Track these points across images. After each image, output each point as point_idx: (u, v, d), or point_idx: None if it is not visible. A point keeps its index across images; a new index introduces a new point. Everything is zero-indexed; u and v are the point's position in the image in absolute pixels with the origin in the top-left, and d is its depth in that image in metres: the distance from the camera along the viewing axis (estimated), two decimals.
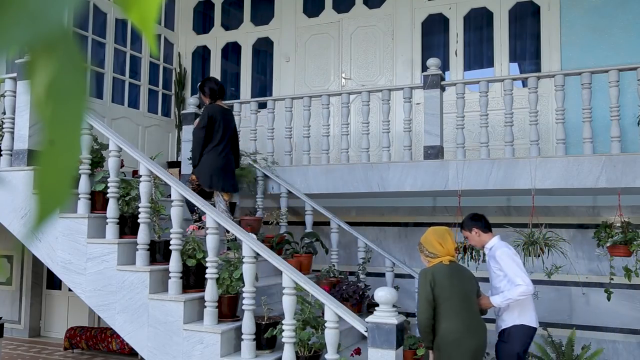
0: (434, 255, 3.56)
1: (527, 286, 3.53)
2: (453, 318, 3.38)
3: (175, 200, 3.81)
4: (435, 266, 3.50)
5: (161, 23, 7.72)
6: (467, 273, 3.62)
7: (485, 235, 3.90)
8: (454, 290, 3.42)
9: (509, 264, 3.62)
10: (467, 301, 3.47)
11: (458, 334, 3.35)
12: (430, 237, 3.62)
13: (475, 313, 3.52)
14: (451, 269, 3.49)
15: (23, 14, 0.36)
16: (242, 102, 6.30)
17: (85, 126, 3.94)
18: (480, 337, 3.44)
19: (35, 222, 0.38)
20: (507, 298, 3.57)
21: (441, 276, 3.42)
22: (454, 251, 3.64)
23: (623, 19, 5.71)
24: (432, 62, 5.13)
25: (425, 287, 3.41)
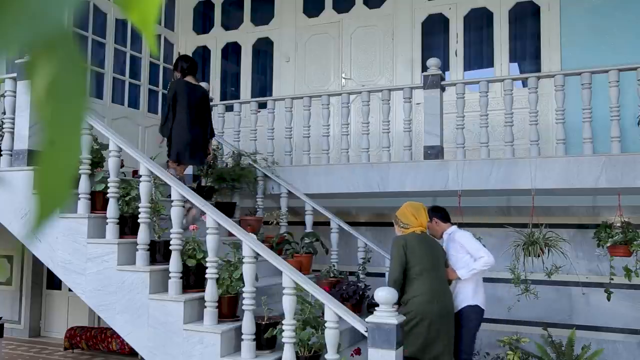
0: (407, 226, 3.88)
1: (489, 257, 3.83)
2: (422, 281, 3.66)
3: (175, 200, 3.81)
4: (408, 234, 3.82)
5: (161, 23, 7.72)
6: (436, 243, 3.94)
7: (444, 224, 4.21)
8: (424, 255, 3.72)
9: (470, 242, 3.94)
10: (436, 267, 3.76)
11: (426, 296, 3.62)
12: (406, 210, 3.95)
13: (442, 279, 3.80)
14: (422, 238, 3.84)
15: (23, 14, 0.36)
16: (242, 102, 6.31)
17: (85, 126, 3.95)
18: (446, 301, 3.72)
19: (35, 223, 0.38)
20: (472, 269, 3.85)
21: (413, 242, 3.74)
22: (426, 225, 3.93)
23: (623, 19, 5.71)
24: (432, 62, 5.13)
25: (399, 251, 3.70)
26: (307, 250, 5.17)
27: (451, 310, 3.78)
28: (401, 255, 3.69)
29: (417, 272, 3.67)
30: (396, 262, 3.69)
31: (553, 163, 4.57)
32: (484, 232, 5.41)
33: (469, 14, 6.50)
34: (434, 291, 3.65)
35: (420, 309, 3.59)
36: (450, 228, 4.17)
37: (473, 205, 5.54)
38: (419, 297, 3.61)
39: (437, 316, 3.61)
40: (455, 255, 4.00)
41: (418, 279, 3.66)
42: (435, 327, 3.60)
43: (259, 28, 7.63)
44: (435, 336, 3.60)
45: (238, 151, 5.76)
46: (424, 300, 3.60)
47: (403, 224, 3.90)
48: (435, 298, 3.63)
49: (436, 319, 3.60)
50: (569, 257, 4.79)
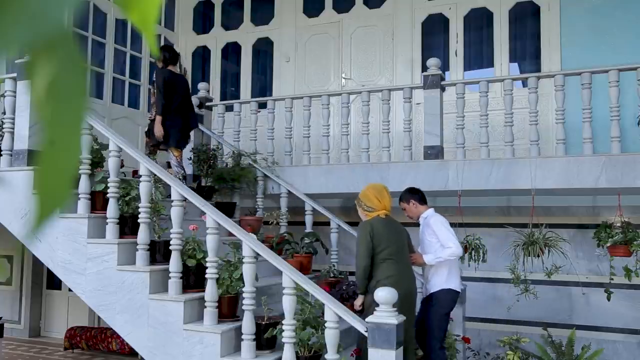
0: (371, 209, 3.85)
1: (457, 248, 3.85)
2: (388, 265, 3.69)
3: (175, 200, 3.81)
4: (373, 218, 3.80)
5: (161, 23, 7.72)
6: (400, 227, 3.95)
7: (422, 207, 4.19)
8: (389, 240, 3.74)
9: (442, 230, 3.92)
10: (400, 251, 3.80)
11: (392, 279, 3.63)
12: (369, 192, 3.91)
13: (407, 262, 3.86)
14: (387, 222, 3.82)
15: (23, 14, 0.36)
16: (242, 102, 6.31)
17: (85, 126, 3.95)
18: (410, 284, 3.78)
19: (35, 223, 0.38)
20: (438, 257, 3.89)
21: (379, 227, 3.73)
22: (389, 207, 3.91)
23: (623, 19, 5.71)
24: (432, 62, 5.13)
25: (366, 237, 3.70)
26: (307, 250, 5.17)
27: (414, 294, 3.86)
28: (368, 241, 3.69)
29: (383, 257, 3.70)
30: (363, 249, 3.69)
31: (553, 163, 4.57)
32: (484, 232, 5.41)
33: (469, 14, 6.50)
34: (399, 275, 3.70)
35: None
36: (427, 211, 4.15)
37: (473, 205, 5.54)
38: (385, 280, 3.63)
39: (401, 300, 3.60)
40: (429, 240, 4.02)
41: (384, 263, 3.70)
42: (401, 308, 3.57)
43: (259, 28, 7.63)
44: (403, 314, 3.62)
45: (238, 151, 5.76)
46: (391, 283, 3.60)
47: (367, 207, 3.87)
48: (400, 282, 3.66)
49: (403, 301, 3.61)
50: (569, 257, 4.79)
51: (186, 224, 3.94)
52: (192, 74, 8.02)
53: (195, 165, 5.78)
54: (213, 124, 6.50)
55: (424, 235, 4.07)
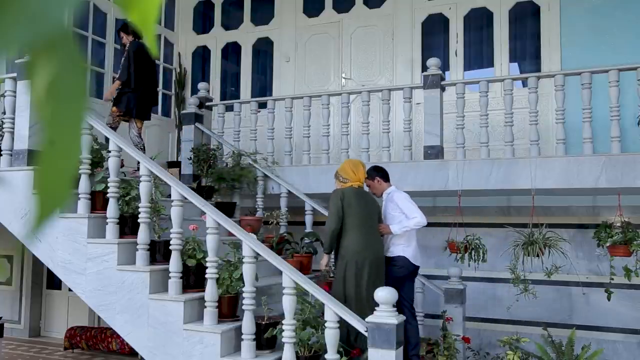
0: (346, 180, 4.19)
1: (421, 218, 4.09)
2: (356, 231, 3.98)
3: (175, 200, 3.81)
4: (346, 188, 4.13)
5: (161, 23, 7.72)
6: (371, 198, 4.24)
7: (385, 184, 4.43)
8: (359, 208, 4.03)
9: (406, 203, 4.18)
10: (369, 219, 4.08)
11: (359, 245, 3.94)
12: (346, 166, 4.27)
13: (375, 231, 4.12)
14: (359, 192, 4.15)
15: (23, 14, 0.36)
16: (242, 102, 6.30)
17: (85, 126, 3.95)
18: (377, 251, 4.05)
19: (35, 223, 0.38)
20: (404, 226, 4.11)
21: (350, 195, 4.05)
22: (363, 180, 4.24)
23: (623, 19, 5.71)
24: (432, 62, 5.12)
25: (337, 202, 4.02)
26: (307, 250, 5.17)
27: (382, 258, 4.10)
28: (338, 207, 3.99)
29: (352, 223, 3.98)
30: (333, 213, 4.00)
31: (553, 163, 4.57)
32: (484, 232, 5.41)
33: (469, 14, 6.50)
34: (367, 240, 3.98)
35: (354, 254, 3.92)
36: (390, 188, 4.40)
37: (473, 205, 5.54)
38: (354, 244, 3.94)
39: (368, 262, 3.94)
40: (392, 214, 4.25)
41: (353, 229, 3.97)
42: (366, 271, 3.91)
43: (259, 28, 7.63)
44: (368, 279, 3.91)
45: (238, 151, 5.75)
46: (357, 248, 3.94)
47: (342, 179, 4.21)
48: (367, 247, 3.96)
49: (368, 265, 3.93)
50: (569, 257, 4.79)
51: (186, 224, 3.94)
52: (192, 74, 8.02)
53: (195, 165, 5.78)
54: (213, 124, 6.50)
55: (387, 210, 4.31)
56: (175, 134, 7.72)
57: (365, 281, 3.90)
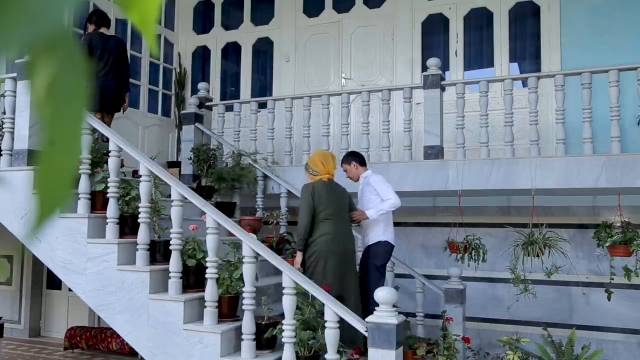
0: (316, 173, 4.23)
1: (396, 199, 4.13)
2: (327, 224, 4.04)
3: (175, 200, 3.81)
4: (316, 182, 4.17)
5: (161, 23, 7.72)
6: (341, 190, 4.29)
7: (361, 168, 4.49)
8: (329, 201, 4.08)
9: (382, 186, 4.22)
10: (340, 212, 4.14)
11: (329, 236, 4.00)
12: (316, 158, 4.31)
13: (346, 222, 4.19)
14: (329, 185, 4.19)
15: (23, 14, 0.36)
16: (242, 102, 6.30)
17: (85, 126, 3.95)
18: (348, 242, 4.13)
19: (36, 223, 0.38)
20: (380, 209, 4.14)
21: (320, 189, 4.10)
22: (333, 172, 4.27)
23: (623, 18, 5.71)
24: (432, 62, 5.12)
25: (308, 197, 4.06)
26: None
27: (352, 251, 4.18)
28: (309, 201, 4.04)
29: (323, 216, 4.04)
30: (305, 208, 4.05)
31: (553, 163, 4.57)
32: (484, 232, 5.41)
33: (469, 13, 6.50)
34: (337, 233, 4.04)
35: (323, 247, 3.98)
36: (366, 172, 4.46)
37: (473, 205, 5.54)
38: (323, 237, 4.00)
39: (339, 255, 4.01)
40: (369, 197, 4.30)
41: (324, 222, 4.04)
42: (337, 264, 3.98)
43: (259, 28, 7.63)
44: (338, 271, 3.99)
45: (238, 151, 5.75)
46: (327, 240, 3.99)
47: (313, 171, 4.25)
48: (338, 238, 4.03)
49: (338, 257, 4.00)
50: (569, 257, 4.79)
51: (186, 224, 3.94)
52: (192, 74, 8.02)
53: (195, 165, 5.78)
54: (213, 124, 6.50)
55: (364, 194, 4.35)
56: (175, 134, 7.72)
57: (337, 274, 3.98)
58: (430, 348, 4.56)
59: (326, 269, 3.97)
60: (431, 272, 5.77)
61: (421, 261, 6.05)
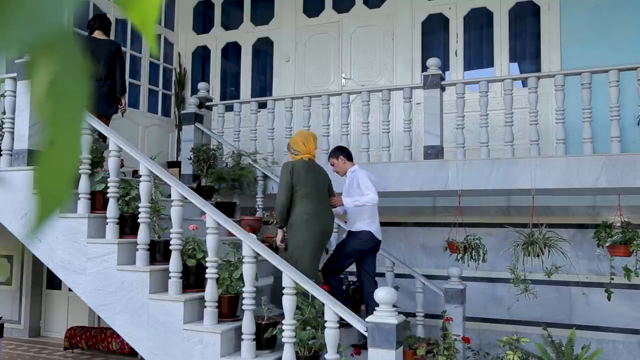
0: (297, 152, 4.30)
1: (374, 195, 4.24)
2: (306, 202, 4.11)
3: (175, 200, 3.81)
4: (296, 160, 4.24)
5: (161, 23, 7.71)
6: (322, 171, 4.40)
7: (348, 162, 4.60)
8: (309, 180, 4.16)
9: (364, 180, 4.33)
10: (319, 191, 4.22)
11: (308, 215, 4.08)
12: (297, 138, 4.38)
13: (325, 202, 4.28)
14: (309, 164, 4.26)
15: (23, 14, 0.36)
16: (242, 102, 6.30)
17: (86, 126, 3.95)
18: (327, 221, 4.22)
19: (36, 222, 0.38)
20: (356, 200, 4.27)
21: (300, 168, 4.16)
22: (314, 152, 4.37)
23: (623, 18, 5.71)
24: (432, 62, 5.12)
25: (286, 175, 4.14)
26: None
27: (329, 230, 4.27)
28: (288, 179, 4.13)
29: (302, 195, 4.12)
30: (283, 186, 4.14)
31: (553, 163, 4.57)
32: (484, 232, 5.41)
33: (469, 13, 6.50)
34: (317, 212, 4.12)
35: (304, 227, 4.07)
36: (354, 167, 4.59)
37: (473, 205, 5.54)
38: (304, 216, 4.07)
39: (319, 234, 4.11)
40: (352, 190, 4.42)
41: (303, 200, 4.11)
42: (316, 242, 4.10)
43: (259, 28, 7.63)
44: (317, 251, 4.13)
45: (238, 151, 5.75)
46: (308, 219, 4.07)
47: (294, 151, 4.33)
48: (317, 219, 4.10)
49: (318, 236, 4.10)
50: (569, 257, 4.79)
51: (186, 224, 3.94)
52: (192, 74, 8.02)
53: (195, 165, 5.78)
54: (213, 124, 6.50)
55: (351, 187, 4.44)
56: (175, 134, 7.72)
57: (315, 254, 4.11)
58: (430, 348, 4.56)
59: (305, 249, 4.07)
60: (431, 272, 5.77)
61: (421, 261, 6.04)
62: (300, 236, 4.07)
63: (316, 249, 4.12)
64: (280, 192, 4.16)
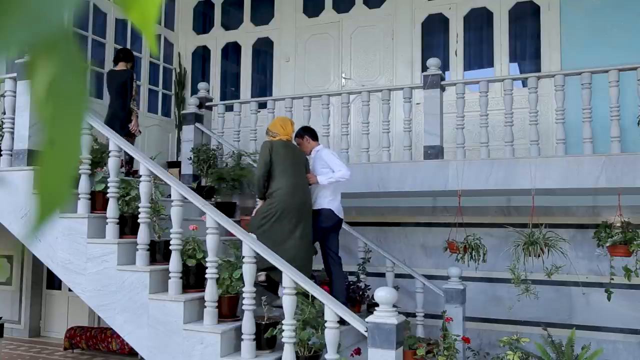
0: (275, 134, 4.52)
1: (346, 170, 4.42)
2: (284, 177, 4.31)
3: (175, 200, 3.81)
4: (275, 140, 4.46)
5: (161, 23, 7.71)
6: (299, 151, 4.61)
7: (314, 142, 4.75)
8: (287, 157, 4.38)
9: (332, 159, 4.51)
10: (296, 167, 4.43)
11: (286, 189, 4.28)
12: (276, 122, 4.65)
13: (303, 177, 4.46)
14: (287, 144, 4.50)
15: (23, 14, 0.36)
16: (242, 102, 6.30)
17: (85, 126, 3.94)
18: (305, 196, 4.39)
19: (36, 223, 0.38)
20: (330, 177, 4.43)
21: (278, 146, 4.40)
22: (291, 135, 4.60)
23: (623, 19, 5.71)
24: (432, 62, 5.12)
25: (265, 152, 4.37)
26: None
27: (309, 204, 4.43)
28: (266, 155, 4.35)
29: (280, 170, 4.33)
30: (261, 161, 4.38)
31: (553, 163, 4.57)
32: (484, 232, 5.41)
33: (469, 14, 6.50)
34: (294, 185, 4.32)
35: (281, 199, 4.25)
36: (318, 146, 4.74)
37: (473, 205, 5.54)
38: (281, 190, 4.27)
39: (296, 209, 4.28)
40: (319, 169, 4.55)
41: (280, 175, 4.32)
42: (293, 217, 4.25)
43: (259, 28, 7.63)
44: (294, 224, 4.25)
45: (238, 151, 5.75)
46: (285, 192, 4.27)
47: (272, 133, 4.55)
48: (295, 191, 4.30)
49: (295, 211, 4.26)
50: (569, 257, 4.79)
51: (186, 224, 3.94)
52: (192, 74, 8.02)
53: (195, 165, 5.77)
54: (213, 124, 6.50)
55: (316, 167, 4.59)
56: (175, 134, 7.72)
57: (293, 224, 4.24)
58: (430, 348, 4.56)
59: (282, 220, 4.22)
60: (431, 272, 5.77)
61: (421, 261, 6.04)
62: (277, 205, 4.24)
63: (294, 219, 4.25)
64: (259, 167, 4.41)
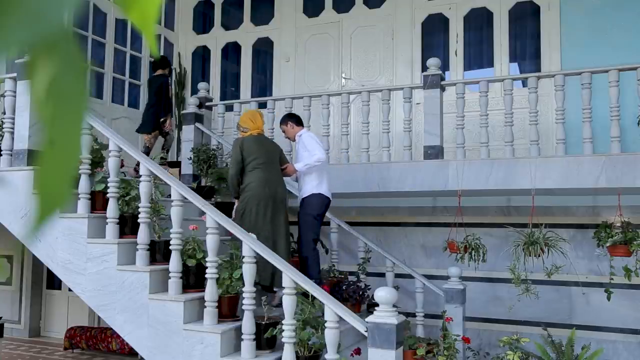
0: (246, 129, 4.57)
1: (321, 155, 4.49)
2: (257, 172, 4.39)
3: (175, 200, 3.81)
4: (246, 136, 4.53)
5: (161, 23, 7.71)
6: (271, 143, 4.70)
7: (297, 127, 4.85)
8: (259, 152, 4.44)
9: (311, 143, 4.58)
10: (269, 160, 4.49)
11: (260, 182, 4.36)
12: (245, 117, 4.68)
13: (277, 171, 4.53)
14: (258, 138, 4.55)
15: (23, 14, 0.36)
16: (242, 102, 6.30)
17: (86, 126, 3.94)
18: (277, 187, 4.46)
19: (36, 223, 0.38)
20: (306, 164, 4.50)
21: (249, 142, 4.47)
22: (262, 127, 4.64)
23: (623, 19, 5.71)
24: (432, 62, 5.12)
25: (236, 150, 4.46)
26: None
27: (283, 197, 4.51)
28: (237, 153, 4.44)
29: (253, 165, 4.41)
30: (234, 160, 4.46)
31: (553, 163, 4.57)
32: (484, 232, 5.41)
33: (469, 13, 6.50)
34: (267, 179, 4.39)
35: (254, 192, 4.34)
36: (301, 131, 4.82)
37: (473, 205, 5.54)
38: (253, 183, 4.36)
39: (269, 198, 4.36)
40: (301, 153, 4.64)
41: (253, 171, 4.40)
42: (267, 207, 4.34)
43: (259, 28, 7.63)
44: (269, 214, 4.35)
45: None
46: (257, 186, 4.35)
47: (243, 128, 4.61)
48: (267, 184, 4.38)
49: (268, 200, 4.35)
50: (569, 257, 4.79)
51: (186, 224, 3.94)
52: (192, 74, 8.02)
53: (195, 165, 5.77)
54: (213, 124, 6.50)
55: (299, 151, 4.67)
56: (175, 133, 7.72)
57: (268, 217, 4.34)
58: (430, 348, 4.56)
59: (258, 212, 4.32)
60: (431, 272, 5.77)
61: (421, 261, 6.04)
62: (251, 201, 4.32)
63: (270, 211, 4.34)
64: (231, 166, 4.49)
